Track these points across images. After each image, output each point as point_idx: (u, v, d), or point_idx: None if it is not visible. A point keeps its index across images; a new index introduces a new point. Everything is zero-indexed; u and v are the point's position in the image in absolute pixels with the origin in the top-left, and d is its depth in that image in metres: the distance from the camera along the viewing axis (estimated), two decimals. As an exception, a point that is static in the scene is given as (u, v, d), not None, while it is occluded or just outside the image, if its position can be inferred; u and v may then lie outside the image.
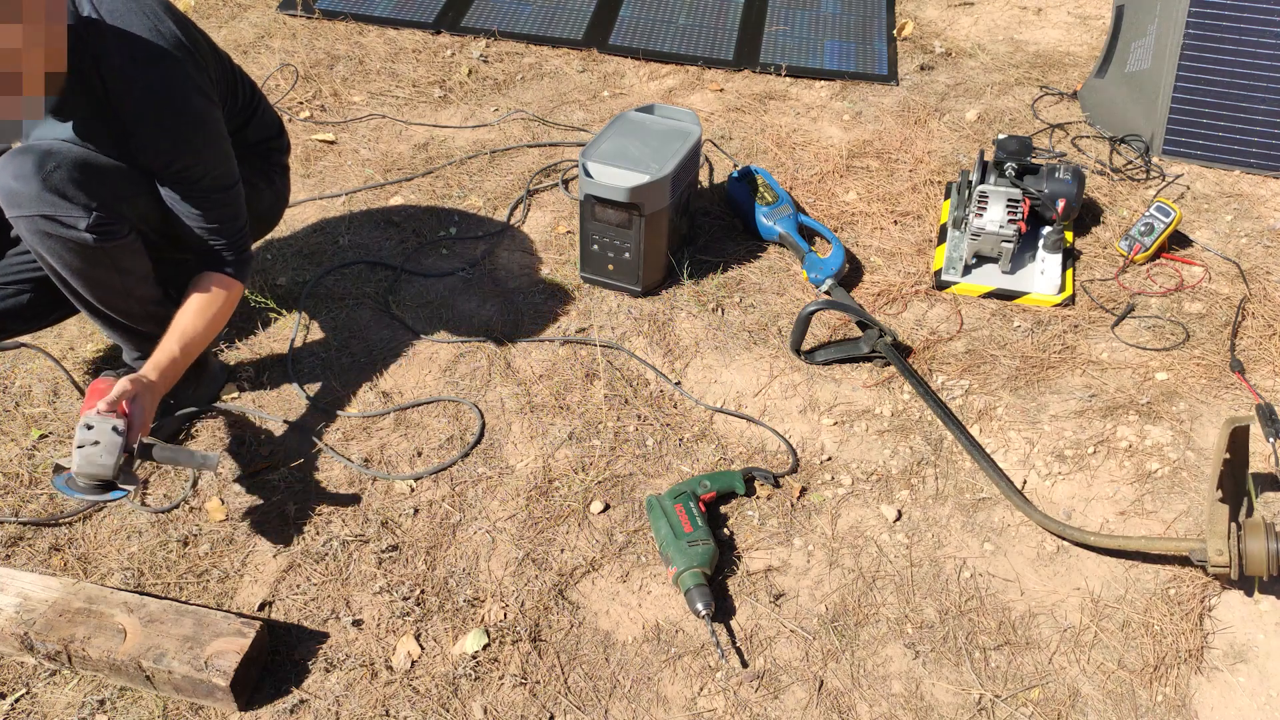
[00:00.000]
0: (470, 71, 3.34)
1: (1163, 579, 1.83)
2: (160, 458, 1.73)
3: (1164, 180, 2.85)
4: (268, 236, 2.53)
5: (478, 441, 2.09)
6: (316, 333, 2.34)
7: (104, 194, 1.73)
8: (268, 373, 2.24)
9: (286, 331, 2.33)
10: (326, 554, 1.86)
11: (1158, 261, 2.56)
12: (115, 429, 1.63)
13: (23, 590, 1.69)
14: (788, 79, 3.33)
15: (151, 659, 1.59)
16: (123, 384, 1.70)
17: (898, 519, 1.95)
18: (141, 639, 1.62)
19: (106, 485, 1.65)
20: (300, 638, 1.73)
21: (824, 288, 2.43)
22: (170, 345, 1.82)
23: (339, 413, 2.15)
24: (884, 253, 2.61)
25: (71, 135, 1.77)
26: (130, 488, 1.67)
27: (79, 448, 1.62)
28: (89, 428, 1.63)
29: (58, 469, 1.68)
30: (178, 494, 1.97)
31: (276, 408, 2.16)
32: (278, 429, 2.11)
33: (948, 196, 2.75)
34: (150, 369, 1.78)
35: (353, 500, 1.97)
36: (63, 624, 1.64)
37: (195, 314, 1.86)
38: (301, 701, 1.64)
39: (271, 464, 2.03)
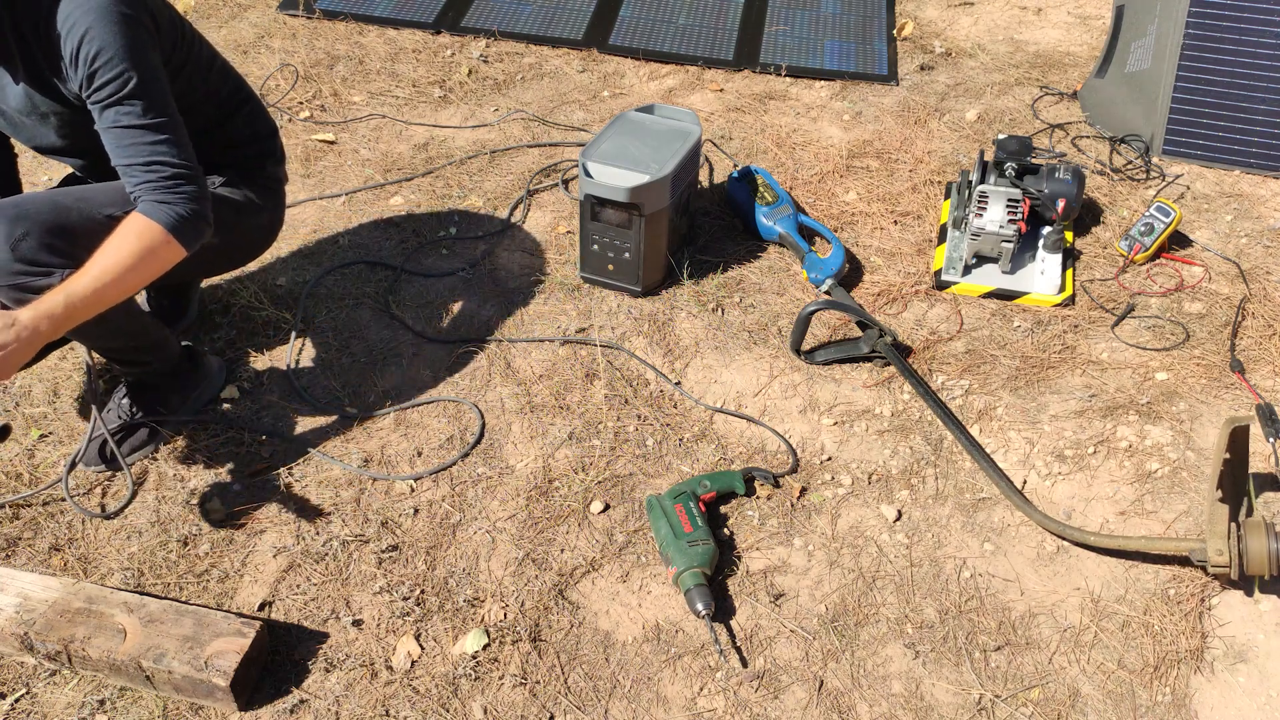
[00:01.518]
0: (470, 71, 3.34)
1: (1162, 579, 1.83)
2: None
3: (1164, 180, 2.85)
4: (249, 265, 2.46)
5: (478, 441, 2.09)
6: (317, 333, 2.34)
7: (76, 253, 1.69)
8: (268, 373, 2.24)
9: (286, 332, 2.33)
10: (326, 554, 1.86)
11: (1158, 261, 2.56)
12: None
13: (23, 590, 1.69)
14: (788, 79, 3.33)
15: (151, 659, 1.59)
16: None
17: (898, 519, 1.95)
18: (141, 639, 1.62)
19: None
20: (300, 638, 1.73)
21: (824, 288, 2.43)
22: (56, 297, 1.61)
23: (339, 413, 2.15)
24: (884, 253, 2.61)
25: (23, 99, 1.74)
26: None
27: None
28: None
29: None
30: (177, 497, 1.97)
31: (276, 408, 2.16)
32: (277, 429, 2.11)
33: (948, 196, 2.75)
34: (29, 310, 1.59)
35: (353, 500, 1.97)
36: (63, 624, 1.64)
37: (97, 262, 1.64)
38: (301, 701, 1.64)
39: (271, 464, 2.03)
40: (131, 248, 1.65)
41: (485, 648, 1.72)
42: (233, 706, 1.61)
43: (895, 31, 3.58)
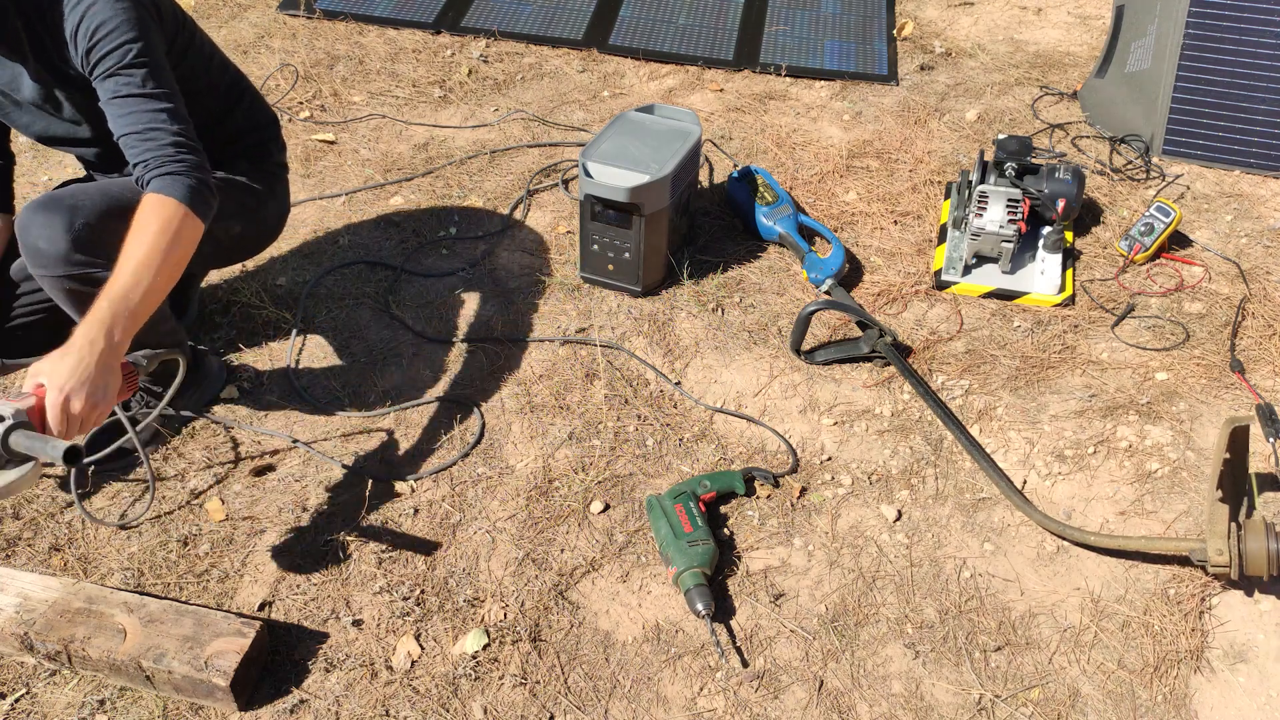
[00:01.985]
0: (470, 71, 3.34)
1: (1162, 579, 1.83)
2: (15, 445, 1.47)
3: (1164, 180, 2.85)
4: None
5: (478, 441, 2.09)
6: (317, 333, 2.34)
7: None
8: (268, 373, 2.24)
9: (287, 332, 2.33)
10: (326, 554, 1.86)
11: (1158, 261, 2.56)
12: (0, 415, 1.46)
13: (23, 590, 1.69)
14: (788, 79, 3.33)
15: (151, 659, 1.59)
16: (35, 366, 1.51)
17: (898, 519, 1.95)
18: (141, 639, 1.62)
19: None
20: (300, 638, 1.73)
21: (824, 288, 2.43)
22: (100, 305, 1.54)
23: (339, 413, 2.15)
24: (884, 253, 2.61)
25: (37, 89, 1.75)
26: (15, 474, 1.47)
27: None
28: None
29: None
30: (177, 497, 1.97)
31: (277, 408, 2.16)
32: (278, 429, 2.11)
33: (948, 196, 2.75)
34: (79, 329, 1.53)
35: (353, 500, 1.97)
36: (63, 624, 1.64)
37: (128, 256, 1.58)
38: (301, 701, 1.64)
39: (271, 464, 2.03)
40: (155, 229, 1.59)
41: (485, 648, 1.72)
42: (233, 706, 1.61)
43: (895, 31, 3.58)
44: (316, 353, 2.30)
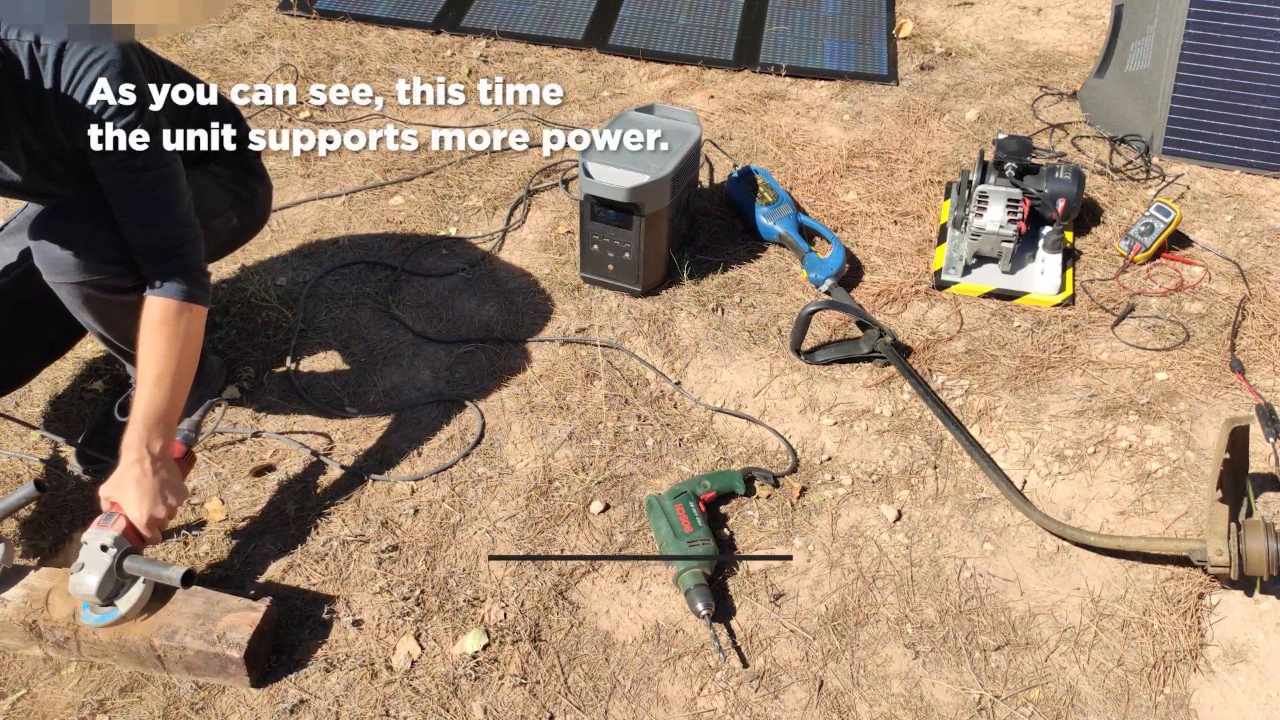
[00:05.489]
0: (470, 71, 3.35)
1: (1162, 579, 1.83)
2: (130, 569, 1.61)
3: (1164, 180, 2.84)
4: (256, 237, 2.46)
5: (478, 441, 2.09)
6: (317, 333, 2.34)
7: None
8: (268, 373, 2.24)
9: (286, 331, 2.33)
10: (326, 554, 1.86)
11: (1158, 261, 2.56)
12: (103, 546, 1.59)
13: (29, 582, 1.70)
14: (788, 79, 3.33)
15: (163, 636, 1.60)
16: (102, 489, 1.64)
17: (898, 519, 1.95)
18: (152, 619, 1.63)
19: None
20: (300, 638, 1.73)
21: (824, 288, 2.43)
22: (134, 428, 1.64)
23: (339, 413, 2.15)
24: (884, 253, 2.61)
25: (28, 169, 1.70)
26: (124, 608, 1.61)
27: (72, 572, 1.60)
28: (84, 545, 1.60)
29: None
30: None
31: (276, 408, 2.16)
32: (278, 429, 2.11)
33: (948, 196, 2.75)
34: (123, 457, 1.63)
35: (353, 500, 1.97)
36: (71, 609, 1.64)
37: (147, 369, 1.65)
38: (301, 701, 1.64)
39: (271, 464, 2.03)
40: (165, 337, 1.66)
41: (485, 648, 1.72)
42: (245, 681, 1.61)
43: (895, 31, 3.58)
44: (316, 353, 2.30)
